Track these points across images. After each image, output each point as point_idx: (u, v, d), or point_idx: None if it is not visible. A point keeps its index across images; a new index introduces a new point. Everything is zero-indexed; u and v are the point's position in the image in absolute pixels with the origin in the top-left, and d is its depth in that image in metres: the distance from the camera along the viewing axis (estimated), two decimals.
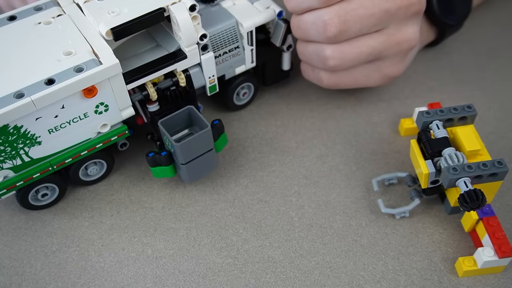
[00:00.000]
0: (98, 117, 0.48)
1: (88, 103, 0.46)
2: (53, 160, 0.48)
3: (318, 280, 0.46)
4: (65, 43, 0.46)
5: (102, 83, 0.45)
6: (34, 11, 0.48)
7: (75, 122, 0.46)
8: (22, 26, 0.47)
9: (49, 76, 0.43)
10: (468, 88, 0.61)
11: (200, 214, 0.51)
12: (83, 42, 0.46)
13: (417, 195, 0.50)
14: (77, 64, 0.44)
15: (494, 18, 0.69)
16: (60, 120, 0.45)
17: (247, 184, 0.53)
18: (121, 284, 0.46)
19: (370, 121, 0.58)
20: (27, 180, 0.48)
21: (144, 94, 0.49)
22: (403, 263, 0.47)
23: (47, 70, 0.43)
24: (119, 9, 0.46)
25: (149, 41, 0.50)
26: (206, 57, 0.50)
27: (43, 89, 0.42)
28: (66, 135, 0.47)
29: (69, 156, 0.48)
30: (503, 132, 0.56)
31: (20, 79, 0.43)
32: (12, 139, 0.44)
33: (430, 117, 0.47)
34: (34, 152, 0.46)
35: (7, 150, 0.44)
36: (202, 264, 0.48)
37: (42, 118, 0.44)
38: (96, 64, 0.44)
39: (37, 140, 0.45)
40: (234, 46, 0.53)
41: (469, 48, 0.66)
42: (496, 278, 0.46)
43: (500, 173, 0.43)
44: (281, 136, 0.57)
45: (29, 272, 0.47)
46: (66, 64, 0.44)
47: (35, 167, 0.47)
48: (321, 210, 0.51)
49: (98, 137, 0.49)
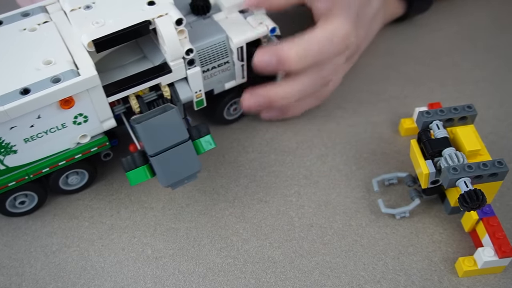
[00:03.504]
0: (77, 128, 0.47)
1: (66, 114, 0.45)
2: (29, 169, 0.47)
3: (318, 280, 0.46)
4: (46, 51, 0.45)
5: (80, 95, 0.44)
6: (21, 16, 0.47)
7: (52, 132, 0.46)
8: (6, 32, 0.46)
9: (25, 86, 0.42)
10: (468, 88, 0.61)
11: (200, 214, 0.51)
12: (64, 51, 0.45)
13: (417, 195, 0.50)
14: (55, 74, 0.43)
15: (494, 18, 0.69)
16: (36, 130, 0.45)
17: (247, 184, 0.53)
18: (121, 284, 0.46)
19: (370, 121, 0.58)
20: (2, 188, 0.47)
21: (126, 106, 0.48)
22: (403, 263, 0.47)
23: (24, 79, 0.43)
24: (104, 20, 0.45)
25: (136, 52, 0.49)
26: (193, 71, 0.49)
27: (18, 99, 0.41)
28: (43, 144, 0.46)
29: (46, 166, 0.48)
30: (503, 132, 0.56)
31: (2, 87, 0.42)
32: None
33: (430, 117, 0.47)
34: (9, 161, 0.46)
35: None
36: (202, 264, 0.48)
37: (17, 127, 0.43)
38: (74, 75, 0.43)
39: (12, 149, 0.45)
40: (223, 61, 0.51)
41: (469, 48, 0.66)
42: (496, 278, 0.46)
43: (500, 173, 0.43)
44: (281, 136, 0.57)
45: (29, 272, 0.47)
46: (44, 74, 0.43)
47: (10, 175, 0.47)
48: (321, 210, 0.51)
49: (78, 147, 0.48)
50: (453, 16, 0.70)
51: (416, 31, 0.68)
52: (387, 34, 0.67)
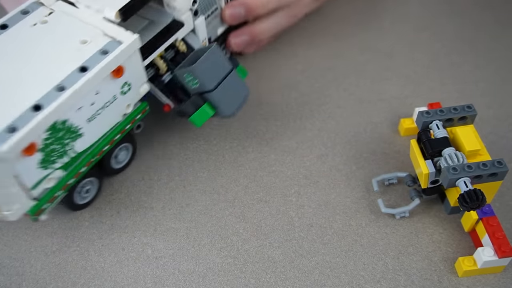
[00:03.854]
0: (124, 98, 0.48)
1: (116, 85, 0.46)
2: (94, 151, 0.47)
3: (318, 280, 0.46)
4: (74, 34, 0.45)
5: (125, 62, 0.46)
6: (22, 15, 0.48)
7: (107, 106, 0.46)
8: (19, 30, 0.46)
9: (81, 65, 0.43)
10: (468, 88, 0.61)
11: (200, 214, 0.51)
12: (92, 29, 0.46)
13: (417, 195, 0.50)
14: (99, 48, 0.44)
15: (494, 18, 0.69)
16: (96, 107, 0.45)
17: (247, 184, 0.53)
18: (121, 284, 0.47)
19: (370, 121, 0.58)
20: (77, 176, 0.47)
21: (155, 70, 0.51)
22: (403, 263, 0.47)
23: (75, 60, 0.43)
24: None
25: (141, 21, 0.51)
26: (199, 21, 0.52)
27: (80, 78, 0.42)
28: (101, 122, 0.47)
29: (106, 143, 0.48)
30: (503, 132, 0.56)
31: (53, 74, 0.42)
32: (60, 135, 0.43)
33: (430, 117, 0.47)
34: (78, 146, 0.46)
35: (57, 149, 0.44)
36: (202, 264, 0.48)
37: (82, 107, 0.44)
38: (118, 44, 0.44)
39: (79, 132, 0.45)
40: (215, 7, 0.55)
41: (469, 48, 0.66)
42: (496, 278, 0.46)
43: (500, 173, 0.44)
44: (281, 136, 0.57)
45: (29, 272, 0.47)
46: (89, 51, 0.44)
47: (81, 161, 0.47)
48: (321, 210, 0.51)
49: (125, 119, 0.49)
50: (454, 16, 0.70)
51: (416, 32, 0.68)
52: (387, 34, 0.68)
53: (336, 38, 0.67)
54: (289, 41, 0.67)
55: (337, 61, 0.64)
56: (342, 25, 0.69)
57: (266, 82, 0.62)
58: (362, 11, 0.71)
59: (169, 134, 0.57)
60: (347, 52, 0.66)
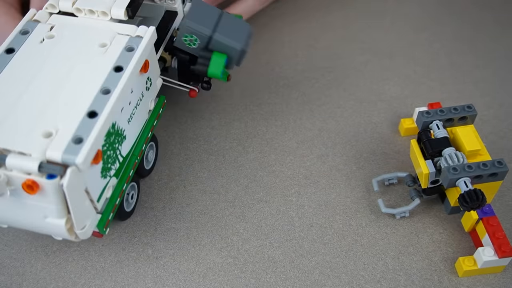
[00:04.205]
0: (148, 94, 0.47)
1: (143, 81, 0.46)
2: (135, 152, 0.46)
3: (318, 280, 0.46)
4: (89, 40, 0.45)
5: (149, 55, 0.45)
6: (23, 35, 0.46)
7: (139, 105, 0.46)
8: (30, 49, 0.44)
9: (114, 65, 0.42)
10: (468, 88, 0.61)
11: (200, 214, 0.51)
12: (104, 32, 0.45)
13: (417, 195, 0.50)
14: (124, 46, 0.44)
15: (493, 18, 0.69)
16: (132, 106, 0.44)
17: (247, 184, 0.53)
18: (121, 283, 0.47)
19: (370, 121, 0.58)
20: (128, 180, 0.45)
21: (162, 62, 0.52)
22: (403, 263, 0.47)
23: (105, 62, 0.43)
24: None
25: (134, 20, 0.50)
26: (187, 7, 0.53)
27: (120, 77, 0.42)
28: (137, 121, 0.46)
29: (143, 142, 0.47)
30: (503, 132, 0.56)
31: (91, 79, 0.42)
32: (112, 140, 0.42)
33: (430, 117, 0.47)
34: (124, 149, 0.44)
35: (111, 154, 0.42)
36: (202, 263, 0.48)
37: (124, 108, 0.43)
38: (139, 39, 0.44)
39: (124, 134, 0.44)
40: None
41: (469, 48, 0.66)
42: (496, 278, 0.46)
43: (500, 173, 0.44)
44: (281, 136, 0.57)
45: (30, 271, 0.47)
46: (115, 51, 0.43)
47: (128, 164, 0.45)
48: (321, 210, 0.51)
49: (151, 115, 0.49)
50: (453, 16, 0.70)
51: (416, 32, 0.68)
52: (387, 34, 0.68)
53: (336, 38, 0.67)
54: (289, 41, 0.67)
55: (337, 61, 0.65)
56: (342, 25, 0.69)
57: (266, 82, 0.62)
58: (362, 11, 0.71)
59: (169, 134, 0.57)
60: (347, 52, 0.66)
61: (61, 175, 0.37)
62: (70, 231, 0.40)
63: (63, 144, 0.37)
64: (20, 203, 0.39)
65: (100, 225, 0.42)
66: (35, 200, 0.38)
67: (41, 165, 0.36)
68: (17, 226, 0.43)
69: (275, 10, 0.71)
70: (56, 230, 0.40)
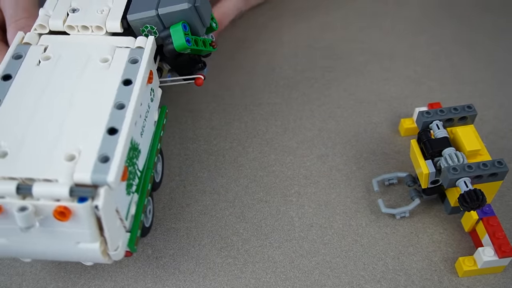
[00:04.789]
0: (153, 105, 0.46)
1: (148, 92, 0.44)
2: (150, 165, 0.45)
3: (318, 280, 0.46)
4: (89, 56, 0.43)
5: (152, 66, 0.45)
6: (17, 60, 0.44)
7: (147, 117, 0.44)
8: (27, 73, 0.43)
9: (122, 79, 0.41)
10: (468, 88, 0.61)
11: (200, 214, 0.51)
12: (101, 47, 0.44)
13: (417, 195, 0.50)
14: (127, 59, 0.43)
15: (493, 20, 0.69)
16: (142, 119, 0.43)
17: (247, 184, 0.53)
18: (121, 283, 0.47)
19: (370, 121, 0.58)
20: (147, 195, 0.44)
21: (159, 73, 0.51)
22: (403, 263, 0.47)
23: (112, 76, 0.41)
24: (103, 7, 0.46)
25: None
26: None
27: (131, 91, 0.40)
28: (146, 133, 0.44)
29: (155, 154, 0.46)
30: (503, 132, 0.56)
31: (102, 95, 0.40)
32: (131, 155, 0.40)
33: (430, 117, 0.47)
34: (140, 163, 0.43)
35: (131, 170, 0.41)
36: (202, 264, 0.48)
37: (137, 122, 0.41)
38: (141, 50, 0.43)
39: (139, 148, 0.42)
40: None
41: (469, 49, 0.66)
42: (496, 278, 0.46)
43: (500, 173, 0.44)
44: (281, 136, 0.57)
45: (30, 272, 0.47)
46: (119, 65, 0.42)
47: (145, 179, 0.44)
48: (321, 210, 0.51)
49: (156, 126, 0.47)
50: (454, 19, 0.70)
51: (416, 33, 0.68)
52: (387, 35, 0.68)
53: (336, 38, 0.67)
54: (289, 41, 0.67)
55: (337, 61, 0.65)
56: (342, 25, 0.69)
57: (266, 82, 0.62)
58: (362, 12, 0.71)
59: (169, 134, 0.57)
60: (347, 52, 0.66)
61: (92, 197, 0.36)
62: (104, 253, 0.39)
63: (90, 164, 0.36)
64: (49, 232, 0.38)
65: (131, 244, 0.41)
66: (66, 227, 0.37)
67: (72, 189, 0.35)
68: (44, 258, 0.41)
69: (275, 10, 0.71)
70: (89, 255, 0.39)
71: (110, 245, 0.39)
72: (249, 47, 0.66)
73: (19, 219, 0.35)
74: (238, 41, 0.67)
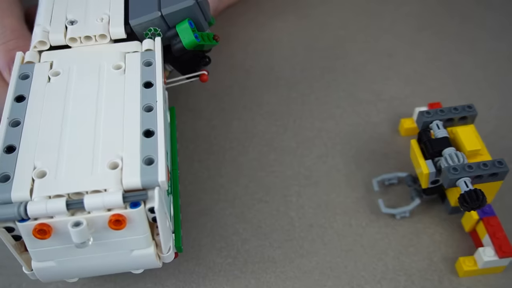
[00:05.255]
0: (166, 106, 0.45)
1: (165, 93, 0.44)
2: (175, 165, 0.44)
3: (318, 280, 0.46)
4: (101, 66, 0.42)
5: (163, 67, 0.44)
6: (24, 80, 0.42)
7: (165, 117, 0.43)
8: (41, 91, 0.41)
9: (141, 82, 0.41)
10: (468, 88, 0.61)
11: (200, 214, 0.51)
12: (109, 54, 0.43)
13: (417, 195, 0.50)
14: (140, 62, 0.42)
15: (494, 18, 0.69)
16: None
17: (247, 184, 0.53)
18: (121, 284, 0.46)
19: (370, 121, 0.58)
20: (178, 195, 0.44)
21: None
22: (403, 263, 0.47)
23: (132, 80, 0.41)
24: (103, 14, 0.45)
25: None
26: None
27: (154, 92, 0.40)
28: (166, 134, 0.43)
29: (176, 155, 0.45)
30: (503, 132, 0.56)
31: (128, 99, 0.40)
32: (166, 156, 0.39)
33: (430, 117, 0.47)
34: (168, 163, 0.42)
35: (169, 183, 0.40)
36: (202, 264, 0.48)
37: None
38: (152, 52, 0.43)
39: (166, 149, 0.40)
40: None
41: (469, 48, 0.66)
42: (497, 278, 0.46)
43: (501, 173, 0.43)
44: (281, 136, 0.57)
45: None
46: (134, 69, 0.42)
47: (174, 179, 0.44)
48: (321, 210, 0.51)
49: (171, 126, 0.47)
50: (454, 16, 0.70)
51: (416, 31, 0.68)
52: (387, 34, 0.67)
53: (336, 38, 0.67)
54: (289, 41, 0.67)
55: (337, 61, 0.64)
56: (342, 25, 0.69)
57: (266, 82, 0.62)
58: (362, 11, 0.71)
59: None
60: (347, 52, 0.65)
61: (144, 201, 0.35)
62: (157, 257, 0.39)
63: (136, 169, 0.36)
64: (102, 245, 0.37)
65: (178, 244, 0.41)
66: (120, 236, 0.36)
67: (124, 196, 0.35)
68: (96, 273, 0.40)
69: (274, 10, 0.71)
70: (143, 261, 0.39)
71: (164, 247, 0.38)
72: (249, 47, 0.66)
73: (75, 235, 0.34)
74: (238, 40, 0.67)
